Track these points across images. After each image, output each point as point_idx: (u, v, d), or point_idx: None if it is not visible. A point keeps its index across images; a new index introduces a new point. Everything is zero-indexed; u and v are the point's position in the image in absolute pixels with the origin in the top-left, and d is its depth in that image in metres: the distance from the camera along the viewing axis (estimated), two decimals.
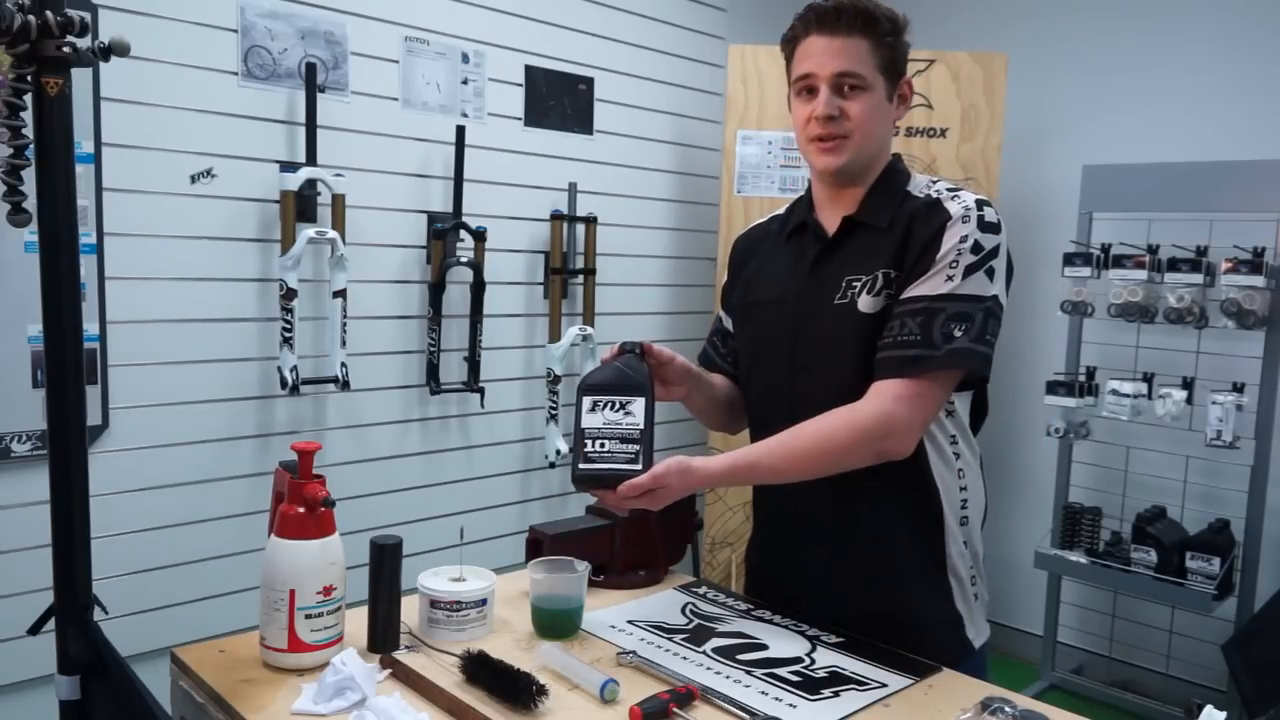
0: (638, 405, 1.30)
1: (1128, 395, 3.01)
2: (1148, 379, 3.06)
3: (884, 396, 1.28)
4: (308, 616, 1.20)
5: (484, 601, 1.34)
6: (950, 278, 1.28)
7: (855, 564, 1.39)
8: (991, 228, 1.31)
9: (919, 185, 1.39)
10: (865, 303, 1.34)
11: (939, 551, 1.38)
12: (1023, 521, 3.47)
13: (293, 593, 1.19)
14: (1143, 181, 3.07)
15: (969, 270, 1.28)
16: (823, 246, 1.41)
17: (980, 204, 1.32)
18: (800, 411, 1.36)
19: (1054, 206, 3.40)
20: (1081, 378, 3.16)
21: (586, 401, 1.31)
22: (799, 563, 1.46)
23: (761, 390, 1.48)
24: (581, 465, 1.28)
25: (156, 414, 2.35)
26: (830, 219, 1.42)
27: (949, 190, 1.36)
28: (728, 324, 1.59)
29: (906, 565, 1.38)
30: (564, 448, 3.04)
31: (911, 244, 1.32)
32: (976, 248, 1.29)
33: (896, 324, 1.30)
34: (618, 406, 1.30)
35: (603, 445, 1.28)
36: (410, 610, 1.34)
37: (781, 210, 1.55)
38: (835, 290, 1.37)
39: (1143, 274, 2.99)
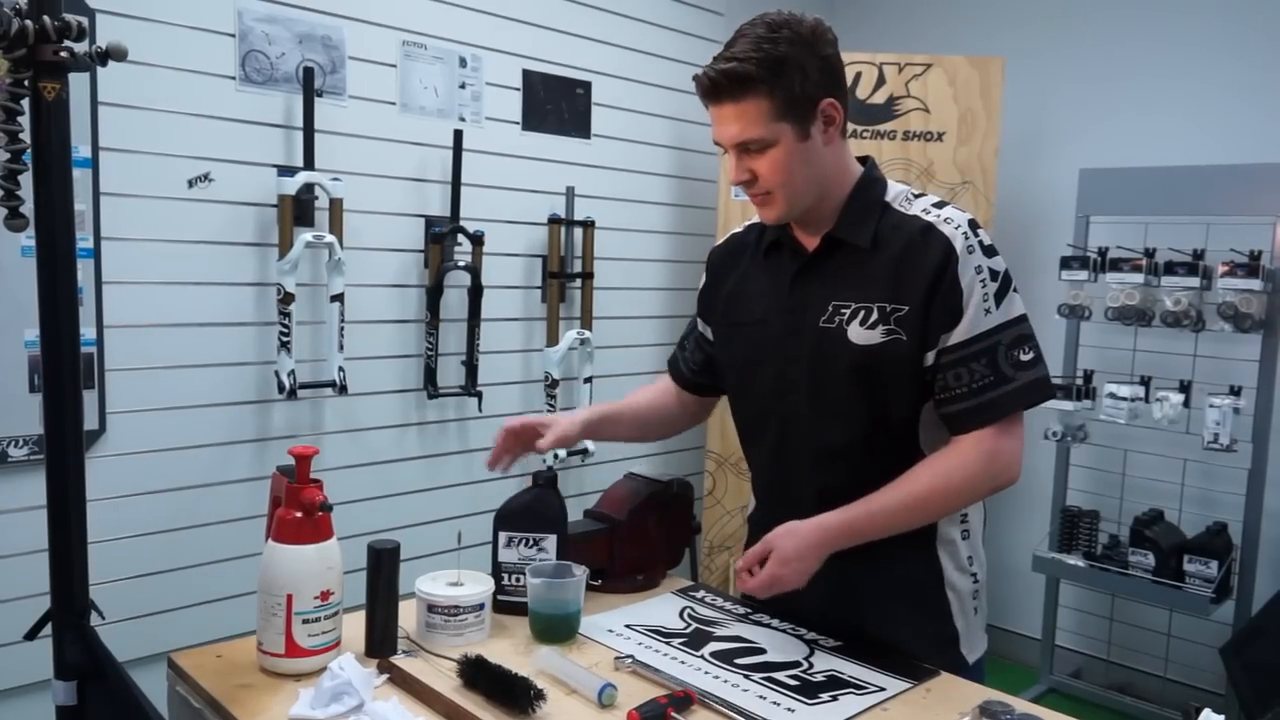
0: (549, 542, 1.44)
1: (1125, 398, 3.01)
2: (1145, 382, 3.06)
3: (983, 441, 1.30)
4: (305, 621, 1.20)
5: (482, 606, 1.34)
6: (989, 311, 1.29)
7: (849, 578, 1.37)
8: (992, 250, 1.31)
9: (897, 195, 1.37)
10: (858, 334, 1.31)
11: (936, 566, 1.37)
12: (1020, 525, 3.47)
13: (290, 597, 1.19)
14: (1139, 185, 3.07)
15: (999, 297, 1.30)
16: (801, 265, 1.38)
17: (973, 227, 1.31)
18: (789, 430, 1.37)
19: (1051, 210, 3.41)
20: (1079, 381, 3.16)
21: (502, 536, 1.46)
22: None
23: (754, 409, 1.47)
24: (500, 597, 1.42)
25: (154, 418, 2.35)
26: (807, 236, 1.39)
27: (934, 207, 1.34)
28: (705, 332, 1.57)
29: (902, 581, 1.37)
30: (563, 452, 3.04)
31: (912, 275, 1.29)
32: (993, 274, 1.30)
33: (964, 372, 1.29)
34: (531, 543, 1.45)
35: (518, 580, 1.43)
36: (408, 615, 1.34)
37: (756, 219, 1.51)
38: (820, 312, 1.35)
39: (1140, 277, 3.00)
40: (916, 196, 1.37)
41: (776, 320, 1.39)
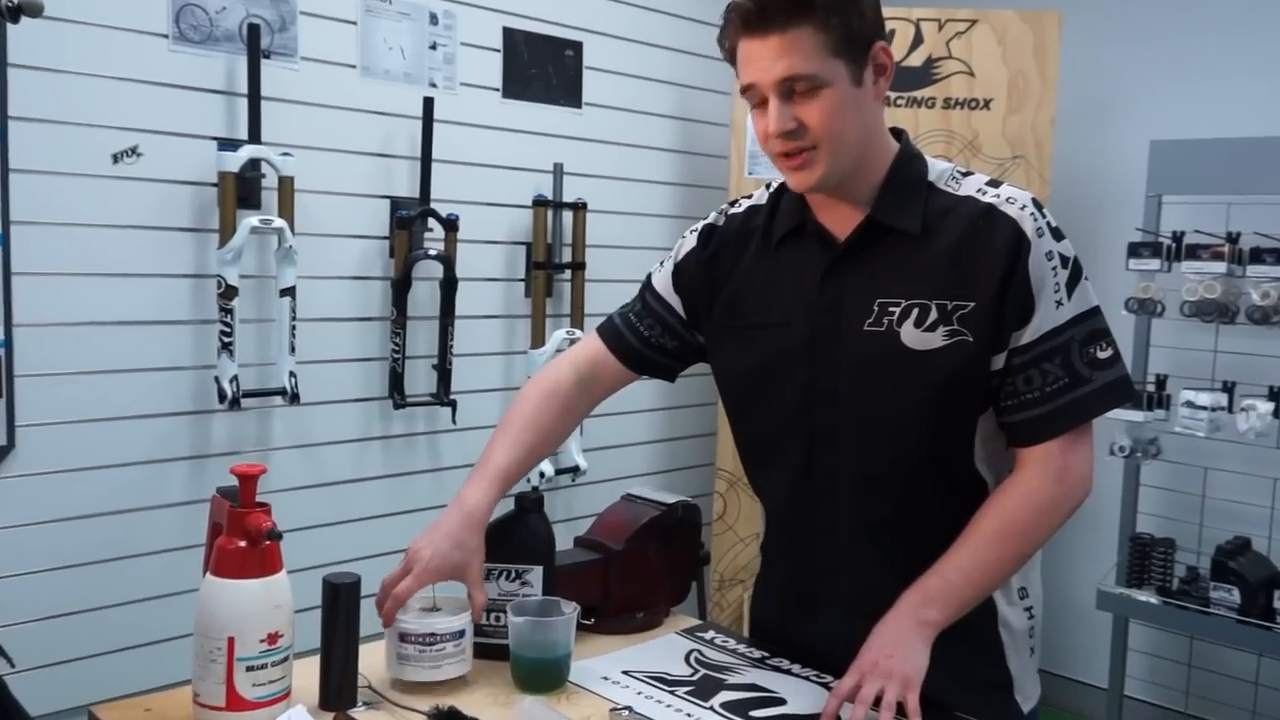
0: (535, 574, 1.44)
1: (1205, 408, 3.00)
2: (1228, 389, 3.06)
3: (1050, 459, 1.30)
4: (249, 669, 1.20)
5: (461, 634, 1.34)
6: (1060, 303, 1.29)
7: (883, 616, 1.33)
8: (1059, 233, 1.32)
9: (941, 174, 1.36)
10: (914, 336, 1.30)
11: (986, 601, 1.36)
12: (1083, 556, 3.47)
13: (232, 641, 1.19)
14: (1220, 159, 3.07)
15: (1070, 287, 1.30)
16: (834, 256, 1.36)
17: (1038, 207, 1.32)
18: (820, 449, 1.37)
19: (1116, 189, 3.41)
20: (1150, 387, 3.16)
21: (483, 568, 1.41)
22: (815, 619, 1.45)
23: (770, 424, 1.45)
24: (477, 638, 1.39)
25: (72, 432, 2.35)
26: (837, 221, 1.37)
27: (989, 186, 1.34)
28: (679, 308, 1.51)
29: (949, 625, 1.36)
30: (549, 470, 3.04)
31: (978, 267, 1.28)
32: (1064, 261, 1.30)
33: (1035, 375, 1.29)
34: (513, 576, 1.44)
35: (498, 619, 1.41)
36: (369, 661, 1.33)
37: (760, 199, 1.48)
38: (863, 312, 1.33)
39: (1221, 266, 2.99)
40: (964, 175, 1.36)
41: (803, 322, 1.37)
